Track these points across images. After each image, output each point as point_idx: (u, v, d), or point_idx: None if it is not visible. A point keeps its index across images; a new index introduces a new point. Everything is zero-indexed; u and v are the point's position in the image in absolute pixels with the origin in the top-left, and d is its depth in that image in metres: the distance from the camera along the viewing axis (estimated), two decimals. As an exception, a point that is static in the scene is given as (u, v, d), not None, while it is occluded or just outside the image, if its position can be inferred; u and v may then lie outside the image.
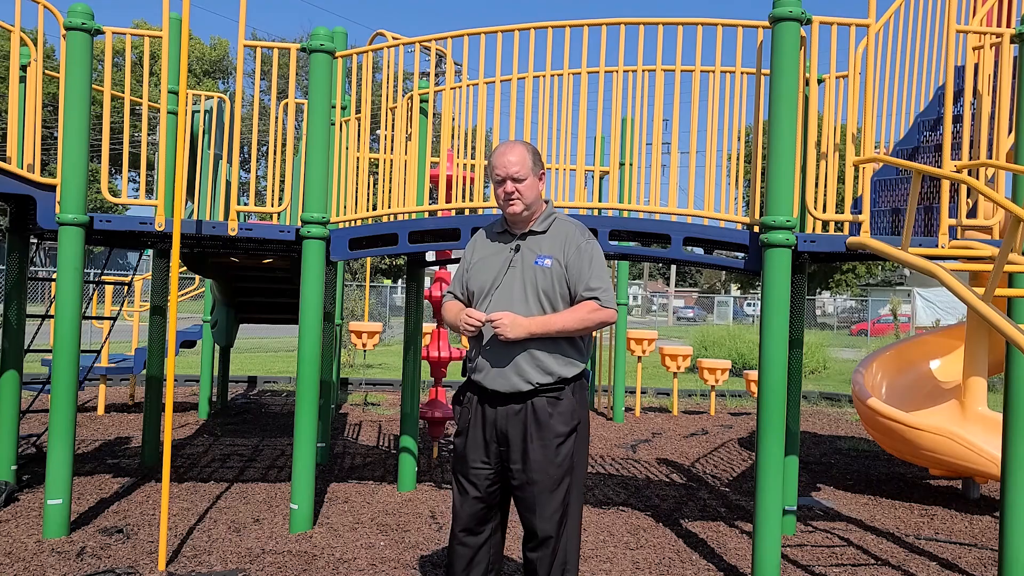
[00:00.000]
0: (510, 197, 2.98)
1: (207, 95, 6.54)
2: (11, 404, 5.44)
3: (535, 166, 3.01)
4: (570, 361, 2.97)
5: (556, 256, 2.97)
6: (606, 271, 3.02)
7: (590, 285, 2.94)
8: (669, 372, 10.94)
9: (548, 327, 2.89)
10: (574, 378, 2.98)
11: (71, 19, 4.51)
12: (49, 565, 4.07)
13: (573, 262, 2.96)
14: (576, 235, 3.02)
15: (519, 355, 2.91)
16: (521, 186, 2.97)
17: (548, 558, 2.95)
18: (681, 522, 5.33)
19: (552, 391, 2.94)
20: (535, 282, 2.95)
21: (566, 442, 2.94)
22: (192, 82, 41.99)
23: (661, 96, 4.65)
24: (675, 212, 4.65)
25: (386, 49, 5.27)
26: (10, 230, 5.55)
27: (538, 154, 3.07)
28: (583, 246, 2.98)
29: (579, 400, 3.00)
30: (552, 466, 2.91)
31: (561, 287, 2.96)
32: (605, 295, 2.94)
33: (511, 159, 2.97)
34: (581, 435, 3.00)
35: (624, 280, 10.15)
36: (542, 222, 3.05)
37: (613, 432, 9.00)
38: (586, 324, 2.93)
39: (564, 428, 2.94)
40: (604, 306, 2.94)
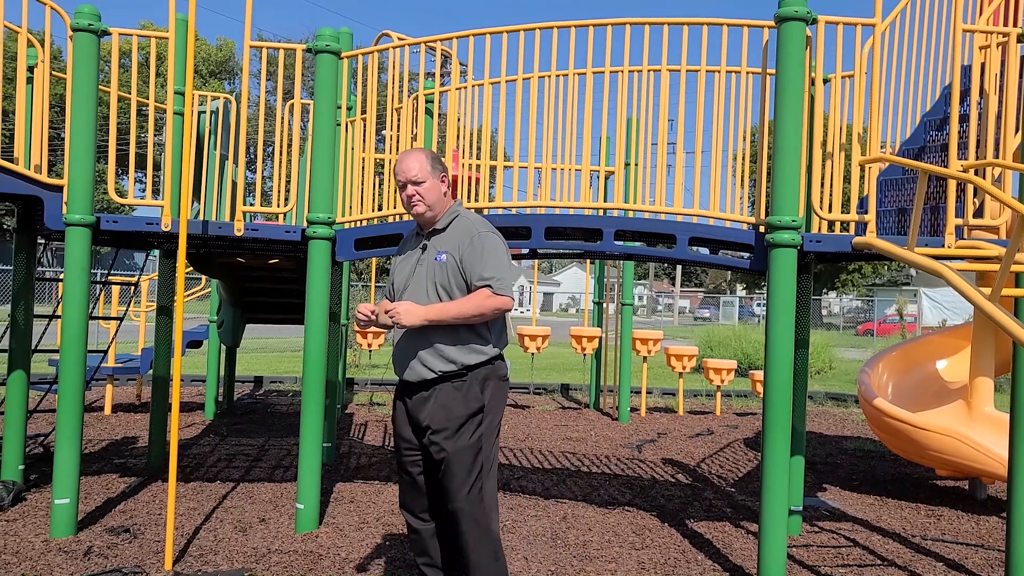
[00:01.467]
0: (411, 200, 3.21)
1: (213, 96, 6.56)
2: (19, 404, 5.46)
3: (434, 169, 3.22)
4: (473, 349, 3.12)
5: (451, 251, 3.16)
6: (502, 261, 3.14)
7: (483, 274, 3.08)
8: (675, 372, 10.93)
9: (443, 314, 3.06)
10: (478, 365, 3.13)
11: (78, 20, 4.53)
12: (56, 564, 4.08)
13: (467, 254, 3.12)
14: (471, 228, 3.18)
15: (423, 347, 3.12)
16: (421, 188, 3.18)
17: (459, 537, 3.10)
18: (687, 522, 5.32)
19: (456, 377, 3.11)
20: (434, 276, 3.16)
21: (467, 424, 3.09)
22: (198, 83, 42.09)
23: (666, 96, 4.65)
24: (680, 212, 4.65)
25: (391, 50, 5.27)
26: (17, 230, 5.57)
27: (438, 159, 3.28)
28: (476, 238, 3.13)
29: (487, 387, 3.15)
30: (457, 451, 3.08)
31: (456, 279, 3.13)
32: (498, 283, 3.08)
33: (410, 164, 3.19)
34: (487, 420, 3.14)
35: (629, 280, 10.14)
36: (444, 220, 3.25)
37: (618, 432, 9.00)
38: (481, 310, 3.07)
39: (465, 411, 3.09)
40: (497, 293, 3.07)
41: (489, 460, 3.16)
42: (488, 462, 3.15)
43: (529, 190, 4.96)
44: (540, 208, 4.87)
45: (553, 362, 17.92)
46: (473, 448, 3.10)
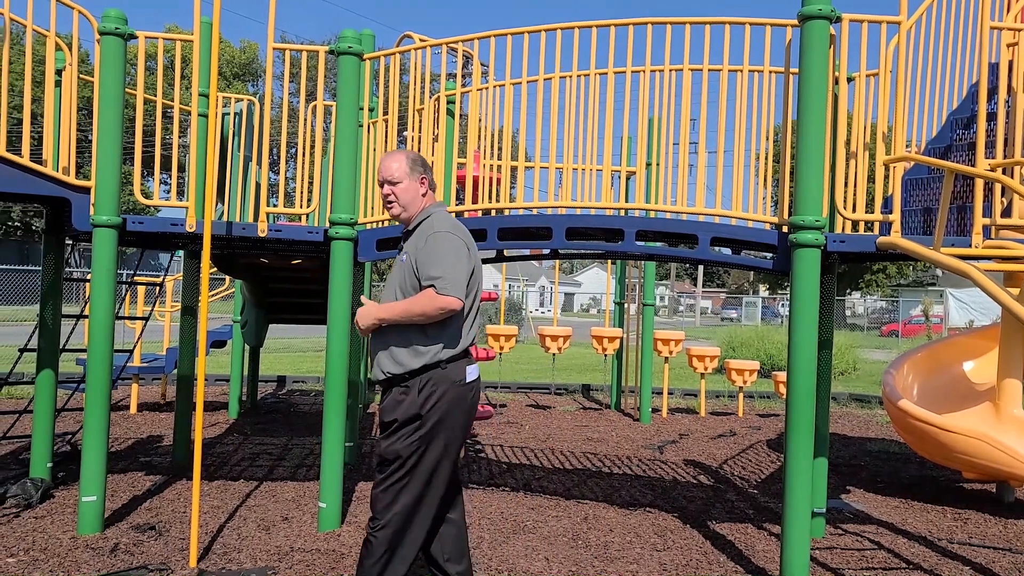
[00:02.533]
0: (387, 199, 3.28)
1: (237, 98, 6.62)
2: (47, 402, 5.54)
3: (412, 171, 3.26)
4: (417, 352, 3.11)
5: (410, 251, 3.20)
6: (452, 261, 3.10)
7: (430, 274, 3.07)
8: (696, 373, 10.87)
9: (390, 313, 3.11)
10: (422, 369, 3.10)
11: (105, 24, 4.58)
12: (83, 561, 4.14)
13: (421, 254, 3.14)
14: (430, 229, 3.19)
15: (381, 348, 3.19)
16: (396, 189, 3.24)
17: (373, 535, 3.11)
18: (708, 524, 5.30)
19: (402, 381, 3.13)
20: (397, 277, 3.22)
21: (404, 429, 3.09)
22: (222, 85, 42.47)
23: (688, 96, 4.63)
24: (702, 212, 4.63)
25: (413, 51, 5.29)
26: (46, 232, 5.66)
27: (419, 161, 3.30)
28: (430, 238, 3.14)
29: (429, 392, 3.09)
30: (386, 450, 3.12)
31: (411, 279, 3.15)
32: (443, 283, 3.05)
33: (389, 164, 3.25)
34: (427, 429, 3.09)
35: (651, 280, 10.10)
36: (415, 221, 3.29)
37: (640, 433, 8.97)
38: (425, 310, 3.05)
39: (400, 418, 3.10)
40: (441, 293, 3.04)
41: (425, 468, 3.09)
42: (422, 470, 3.09)
43: (550, 190, 4.96)
44: (561, 209, 4.87)
45: (574, 363, 17.90)
46: (403, 453, 3.08)
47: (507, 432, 8.73)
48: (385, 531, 3.10)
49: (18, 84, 18.67)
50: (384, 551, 3.10)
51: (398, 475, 3.10)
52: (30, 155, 4.79)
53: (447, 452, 3.15)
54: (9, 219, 41.51)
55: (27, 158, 4.77)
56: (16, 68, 24.62)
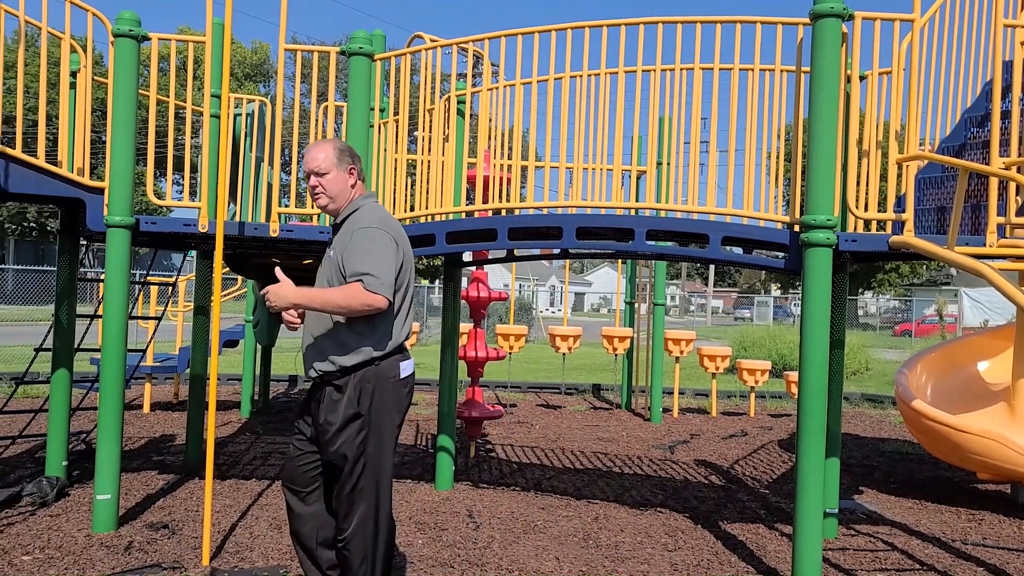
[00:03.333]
0: (314, 190, 3.18)
1: (249, 98, 6.65)
2: (62, 402, 5.58)
3: (340, 161, 3.16)
4: (349, 349, 3.06)
5: (337, 246, 3.13)
6: (381, 258, 3.01)
7: (356, 269, 2.99)
8: (708, 373, 10.85)
9: (311, 300, 3.00)
10: (356, 367, 3.06)
11: (119, 26, 4.61)
12: (98, 558, 4.17)
13: (347, 249, 3.06)
14: (357, 223, 3.12)
15: (311, 344, 3.13)
16: (324, 180, 3.15)
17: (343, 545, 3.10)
18: (720, 524, 5.29)
19: (335, 379, 3.08)
20: (325, 271, 3.17)
21: (344, 430, 3.05)
22: (234, 86, 42.67)
23: (699, 95, 4.62)
24: (713, 211, 4.62)
25: (424, 51, 5.31)
26: (61, 232, 5.70)
27: (347, 151, 3.21)
28: (357, 233, 3.06)
29: (366, 390, 3.06)
30: (333, 454, 3.08)
31: (337, 275, 3.08)
32: (371, 279, 2.96)
33: (315, 155, 3.16)
34: (370, 427, 3.08)
35: (661, 280, 10.09)
36: (344, 214, 3.21)
37: (650, 433, 8.95)
38: (350, 304, 2.95)
39: (339, 418, 3.06)
40: (368, 290, 2.95)
41: (374, 465, 3.10)
42: (372, 468, 3.10)
43: (561, 190, 4.96)
44: (571, 208, 4.87)
45: (584, 362, 17.89)
46: (351, 456, 3.07)
47: (517, 432, 8.74)
48: (356, 541, 3.09)
49: (33, 86, 18.80)
50: (362, 559, 3.10)
51: (351, 480, 3.08)
52: (45, 156, 4.83)
53: (388, 447, 3.15)
54: (25, 220, 41.82)
55: (43, 159, 4.81)
56: (31, 70, 24.82)
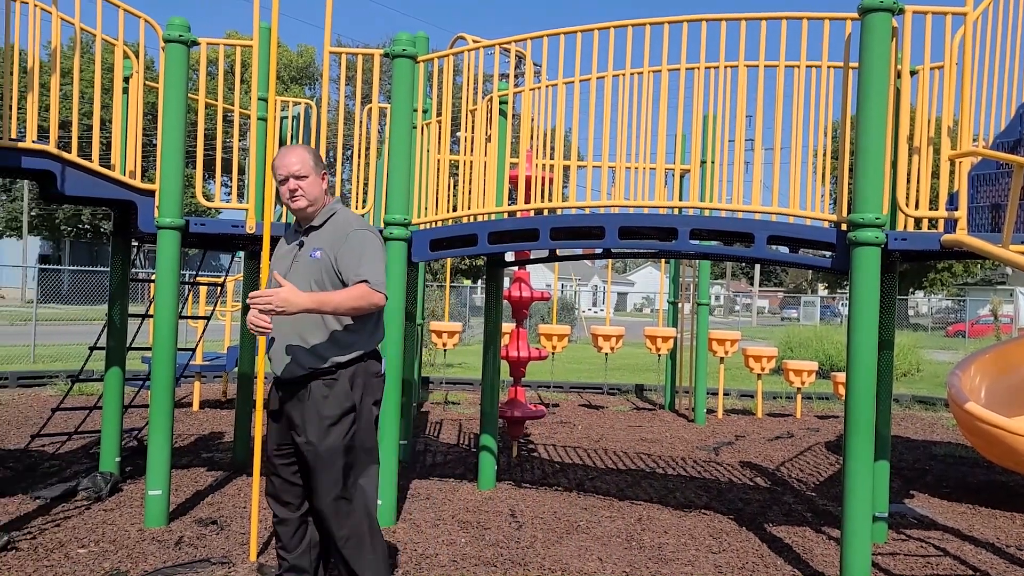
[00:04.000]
0: (294, 194, 3.23)
1: (295, 101, 6.75)
2: (115, 399, 5.73)
3: (316, 166, 3.25)
4: (343, 346, 3.14)
5: (325, 248, 3.17)
6: (377, 259, 3.15)
7: (359, 271, 3.09)
8: (753, 374, 10.72)
9: (323, 304, 3.04)
10: (348, 363, 3.14)
11: (169, 32, 4.72)
12: (150, 552, 4.27)
13: (342, 251, 3.14)
14: (347, 226, 3.20)
15: (295, 343, 3.15)
16: (303, 183, 3.21)
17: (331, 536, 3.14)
18: (765, 526, 5.22)
19: (327, 375, 3.13)
20: (309, 273, 3.18)
21: (338, 424, 3.11)
22: (280, 89, 43.32)
23: (744, 92, 4.57)
24: (758, 210, 4.56)
25: (466, 52, 5.33)
26: (114, 234, 5.85)
27: (319, 157, 3.31)
28: (351, 235, 3.16)
29: (359, 384, 3.16)
30: (327, 449, 3.10)
31: (330, 276, 3.15)
32: (375, 279, 3.08)
33: (292, 159, 3.22)
34: (361, 418, 3.17)
35: (705, 280, 9.99)
36: (321, 218, 3.27)
37: (694, 434, 8.87)
38: (358, 304, 3.06)
39: (336, 411, 3.11)
40: (373, 289, 3.07)
41: (364, 457, 3.19)
42: (363, 460, 3.19)
43: (603, 189, 4.95)
44: (614, 208, 4.85)
45: (627, 362, 17.79)
46: (344, 448, 3.12)
47: (560, 432, 8.73)
48: (352, 541, 3.15)
49: (88, 92, 19.33)
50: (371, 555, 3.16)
51: (344, 478, 3.13)
52: (99, 160, 4.96)
53: (374, 439, 3.25)
54: (80, 221, 42.99)
55: (97, 163, 4.94)
56: (86, 76, 25.48)
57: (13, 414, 8.54)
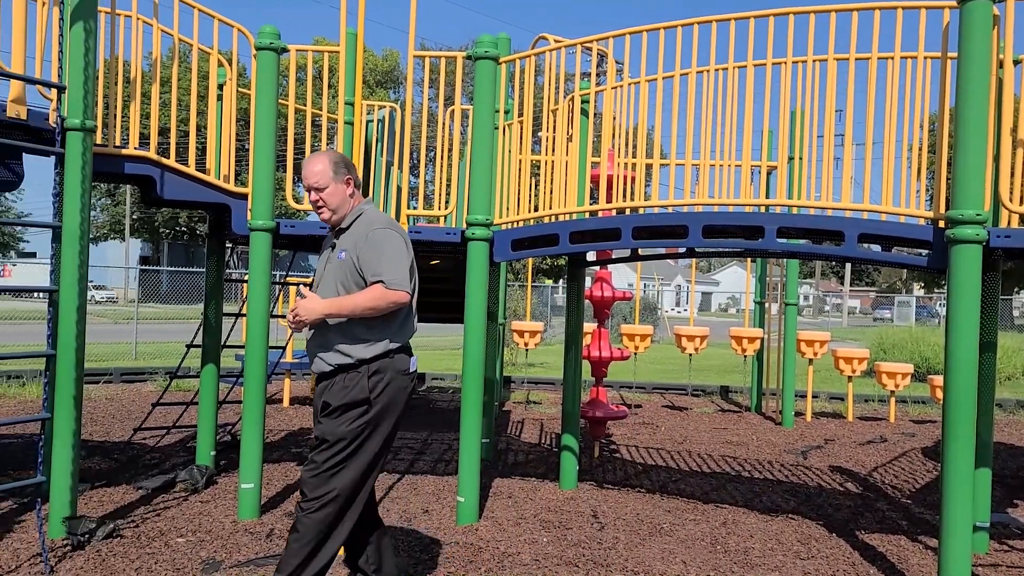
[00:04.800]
0: (316, 205, 3.28)
1: (380, 105, 6.89)
2: (210, 395, 5.97)
3: (336, 174, 3.26)
4: (366, 343, 3.15)
5: (349, 249, 3.21)
6: (395, 256, 3.15)
7: (376, 270, 3.11)
8: (843, 376, 10.39)
9: (339, 309, 3.10)
10: (373, 358, 3.16)
11: (261, 40, 4.88)
12: (243, 544, 4.43)
13: (363, 252, 3.16)
14: (368, 226, 3.21)
15: (322, 343, 3.20)
16: (324, 194, 3.25)
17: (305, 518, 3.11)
18: (857, 533, 5.05)
19: (351, 370, 3.16)
20: (336, 275, 3.22)
21: (347, 412, 3.12)
22: (366, 93, 44.22)
23: (833, 86, 4.43)
24: (849, 207, 4.42)
25: (548, 52, 5.34)
26: (209, 236, 6.09)
27: (341, 162, 3.30)
28: (371, 235, 3.17)
29: (378, 379, 3.16)
30: (329, 431, 3.13)
31: (354, 276, 3.17)
32: (391, 278, 3.09)
33: (313, 170, 3.25)
34: (373, 413, 3.15)
35: (794, 279, 9.74)
36: (348, 220, 3.30)
37: (782, 437, 8.65)
38: (375, 304, 3.08)
39: (347, 400, 3.12)
40: (390, 288, 3.08)
41: (364, 454, 3.14)
42: (360, 457, 3.14)
43: (687, 188, 4.87)
44: (698, 206, 4.78)
45: (712, 363, 17.49)
46: (347, 436, 3.11)
47: (642, 433, 8.65)
48: (317, 515, 3.11)
49: (184, 99, 20.18)
50: (315, 534, 3.11)
51: (337, 459, 3.11)
52: (195, 165, 5.17)
53: (387, 440, 3.23)
54: (177, 224, 44.89)
55: (193, 167, 5.15)
56: (183, 84, 26.60)
57: (117, 408, 8.99)
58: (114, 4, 4.97)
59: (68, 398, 4.30)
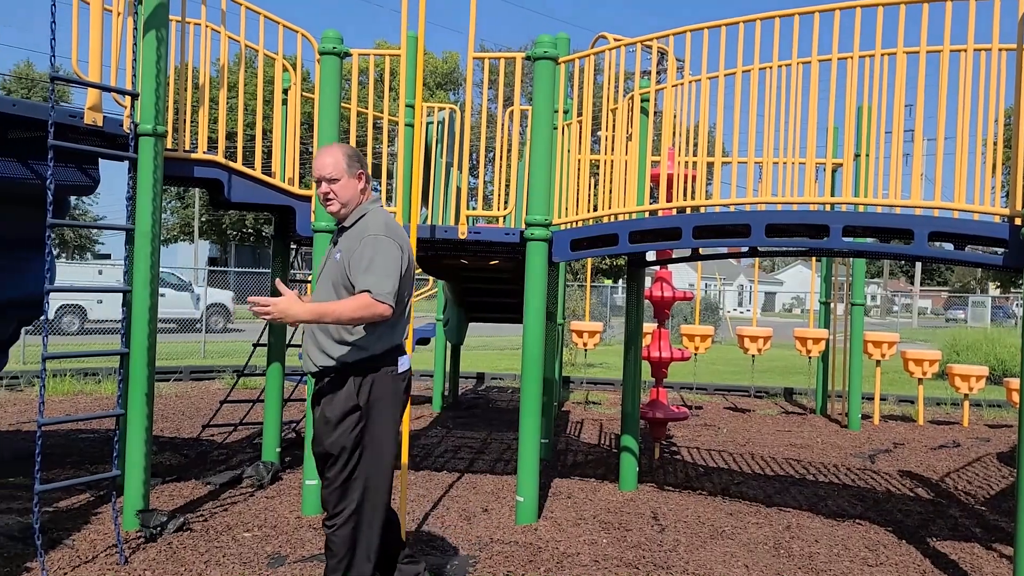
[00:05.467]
0: (326, 197, 3.20)
1: (440, 107, 6.95)
2: (276, 393, 6.10)
3: (350, 168, 3.19)
4: (350, 346, 3.10)
5: (345, 250, 3.14)
6: (385, 267, 3.05)
7: (364, 280, 3.02)
8: (913, 378, 10.08)
9: (322, 316, 2.99)
10: (357, 363, 3.11)
11: (324, 45, 4.97)
12: (307, 539, 4.52)
13: (354, 257, 3.08)
14: (366, 230, 3.13)
15: (310, 341, 3.18)
16: (335, 186, 3.18)
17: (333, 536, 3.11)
18: (928, 540, 4.90)
19: (335, 374, 3.13)
20: (330, 275, 3.17)
21: (342, 423, 3.09)
22: (426, 95, 44.66)
23: (902, 81, 4.31)
24: (919, 205, 4.29)
25: (607, 51, 5.31)
26: (275, 237, 6.23)
27: (355, 156, 3.23)
28: (365, 240, 3.08)
29: (366, 384, 3.11)
30: (330, 445, 3.10)
31: (344, 279, 3.11)
32: (377, 288, 2.99)
33: (326, 161, 3.18)
34: (370, 419, 3.11)
35: (860, 279, 9.49)
36: (352, 218, 3.23)
37: (848, 440, 8.45)
38: (359, 315, 2.99)
39: (339, 411, 3.09)
40: (375, 299, 2.98)
41: (372, 459, 3.12)
42: (369, 461, 3.12)
43: (749, 186, 4.80)
44: (760, 204, 4.70)
45: (775, 364, 17.16)
46: (348, 445, 3.08)
47: (703, 435, 8.54)
48: (343, 530, 3.12)
49: (251, 104, 20.72)
50: (347, 549, 3.12)
51: (345, 471, 3.11)
52: (261, 168, 5.30)
53: (390, 440, 3.19)
54: (244, 226, 46.04)
55: (259, 171, 5.28)
56: (249, 89, 27.26)
57: (187, 405, 9.26)
58: (184, 12, 5.12)
59: (140, 395, 4.46)
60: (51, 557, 4.04)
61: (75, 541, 4.31)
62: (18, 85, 40.65)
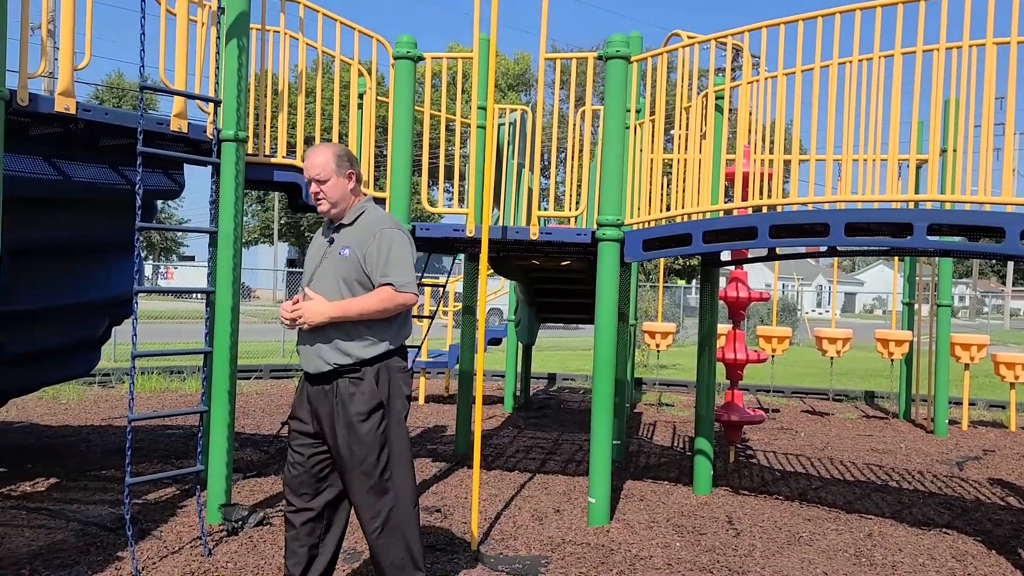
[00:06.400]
0: (317, 197, 3.24)
1: (511, 108, 6.98)
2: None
3: (339, 167, 3.22)
4: (367, 343, 3.13)
5: (354, 246, 3.17)
6: (404, 258, 3.15)
7: (384, 272, 3.10)
8: (1005, 383, 9.65)
9: (347, 311, 3.08)
10: (375, 359, 3.13)
11: (398, 49, 5.05)
12: (381, 534, 4.59)
13: (371, 251, 3.14)
14: (376, 226, 3.19)
15: (321, 340, 3.14)
16: (325, 187, 3.21)
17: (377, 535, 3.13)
18: (1020, 551, 4.69)
19: (352, 371, 3.12)
20: (338, 271, 3.17)
21: (368, 420, 3.10)
22: (498, 96, 44.89)
23: (992, 73, 4.13)
24: (1011, 202, 4.10)
25: (680, 49, 5.25)
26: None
27: (345, 156, 3.26)
28: (379, 235, 3.15)
29: (386, 380, 3.16)
30: (358, 444, 3.09)
31: (358, 274, 3.14)
32: (399, 280, 3.10)
33: (316, 161, 3.21)
34: (391, 413, 3.15)
35: (947, 279, 9.13)
36: (351, 215, 3.26)
37: (934, 446, 8.14)
38: (384, 307, 3.09)
39: (365, 408, 3.10)
40: (399, 291, 3.10)
41: (398, 451, 3.18)
42: (397, 454, 3.17)
43: (828, 184, 4.67)
44: (840, 203, 4.57)
45: (855, 367, 16.66)
46: (376, 443, 3.10)
47: (780, 438, 8.35)
48: (384, 536, 3.13)
49: (328, 109, 21.25)
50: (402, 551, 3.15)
51: (375, 473, 3.11)
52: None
53: (406, 436, 3.24)
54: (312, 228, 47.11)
55: (335, 174, 5.38)
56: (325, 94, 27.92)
57: (267, 402, 9.53)
58: (264, 20, 5.27)
59: (223, 392, 4.61)
60: (140, 547, 4.21)
61: (162, 532, 4.48)
62: (109, 94, 42.54)
